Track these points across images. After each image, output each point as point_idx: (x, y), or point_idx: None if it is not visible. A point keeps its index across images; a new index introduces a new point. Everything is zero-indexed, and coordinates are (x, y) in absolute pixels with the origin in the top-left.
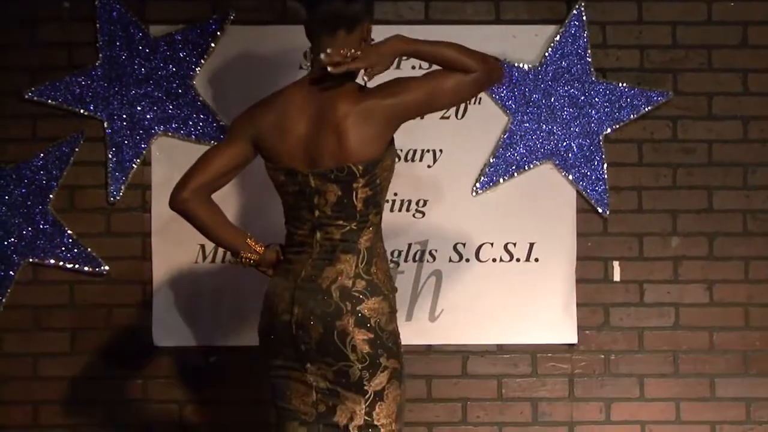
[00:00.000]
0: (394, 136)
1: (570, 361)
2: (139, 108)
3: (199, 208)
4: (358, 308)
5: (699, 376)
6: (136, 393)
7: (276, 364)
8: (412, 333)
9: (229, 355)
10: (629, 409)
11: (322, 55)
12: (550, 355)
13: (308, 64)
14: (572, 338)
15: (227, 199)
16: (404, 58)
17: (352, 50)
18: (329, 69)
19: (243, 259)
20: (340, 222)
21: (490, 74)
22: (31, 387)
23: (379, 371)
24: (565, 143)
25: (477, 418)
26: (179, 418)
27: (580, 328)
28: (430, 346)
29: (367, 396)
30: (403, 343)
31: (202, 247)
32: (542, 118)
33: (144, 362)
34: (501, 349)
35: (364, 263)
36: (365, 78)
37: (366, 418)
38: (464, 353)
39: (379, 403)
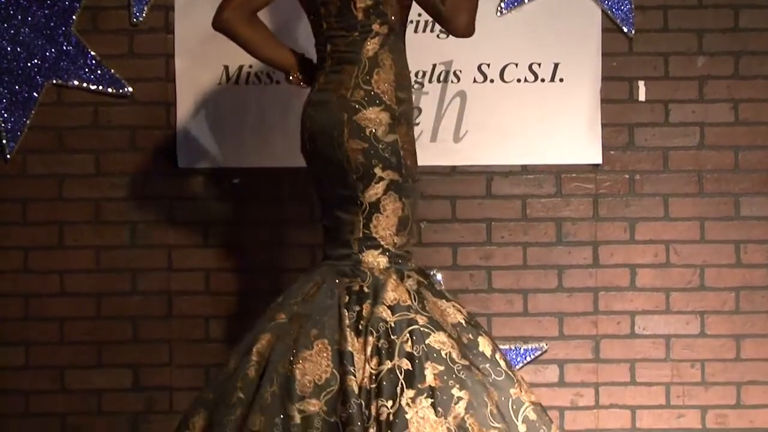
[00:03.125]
0: None
1: (594, 181)
2: None
3: (241, 27)
4: (353, 118)
5: (723, 196)
6: (162, 214)
7: (315, 187)
8: (437, 154)
9: (252, 176)
10: (653, 228)
11: None
12: (574, 175)
13: None
14: (597, 158)
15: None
16: None
17: None
18: None
19: (294, 79)
20: (343, 32)
21: (449, 22)
22: (56, 207)
23: (373, 182)
24: None
25: (501, 239)
26: (204, 239)
27: (605, 148)
28: (454, 167)
29: (363, 208)
30: (427, 164)
31: (226, 68)
32: None
33: (168, 184)
34: (525, 169)
35: (364, 73)
36: None
37: (364, 230)
38: (488, 174)
39: (375, 215)
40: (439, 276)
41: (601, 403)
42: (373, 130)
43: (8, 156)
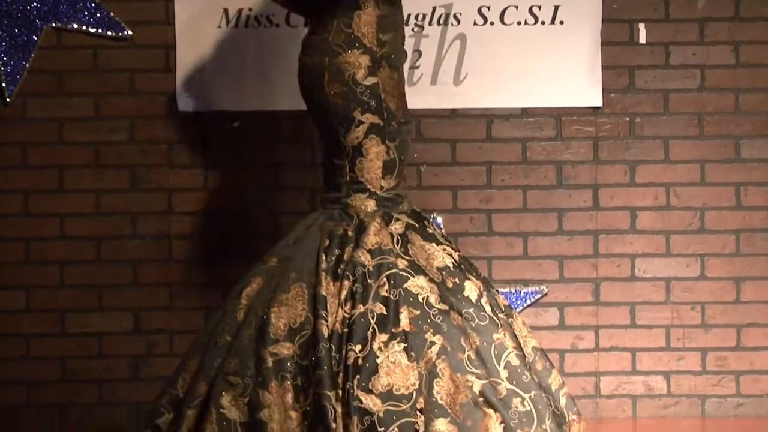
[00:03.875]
0: None
1: (595, 123)
2: None
3: None
4: (334, 61)
5: (724, 138)
6: (161, 158)
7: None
8: (437, 97)
9: (251, 119)
10: (654, 171)
11: None
12: (574, 118)
13: None
14: (597, 101)
15: None
16: None
17: None
18: None
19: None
20: None
21: None
22: (56, 151)
23: (353, 126)
24: None
25: (501, 182)
26: (203, 182)
27: (605, 91)
28: (454, 110)
29: (347, 151)
30: (427, 107)
31: (225, 11)
32: None
33: (168, 127)
34: (525, 112)
35: (345, 17)
36: None
37: (350, 174)
38: (489, 117)
39: (359, 158)
40: (439, 219)
41: (601, 345)
42: (352, 73)
43: (8, 99)
